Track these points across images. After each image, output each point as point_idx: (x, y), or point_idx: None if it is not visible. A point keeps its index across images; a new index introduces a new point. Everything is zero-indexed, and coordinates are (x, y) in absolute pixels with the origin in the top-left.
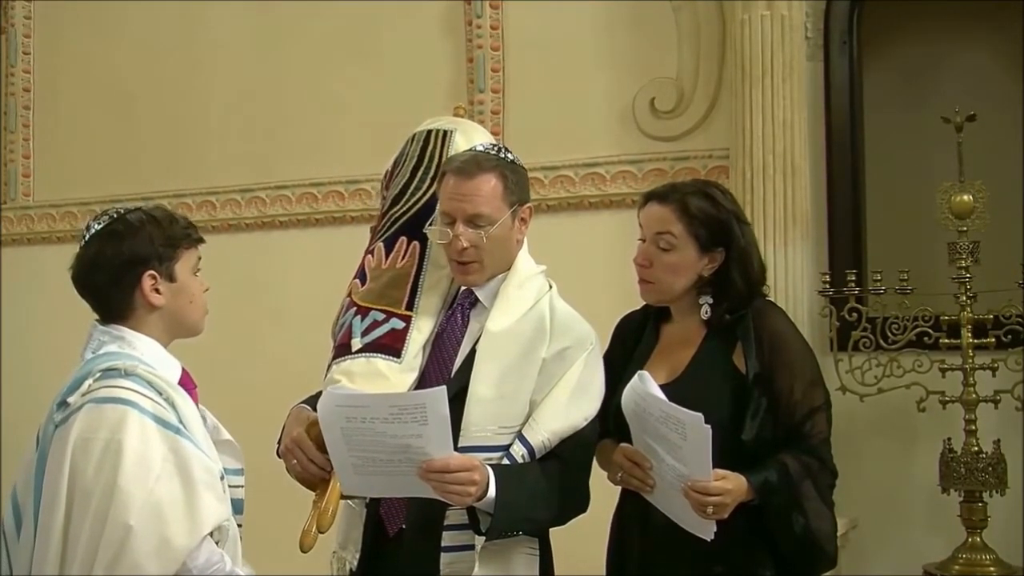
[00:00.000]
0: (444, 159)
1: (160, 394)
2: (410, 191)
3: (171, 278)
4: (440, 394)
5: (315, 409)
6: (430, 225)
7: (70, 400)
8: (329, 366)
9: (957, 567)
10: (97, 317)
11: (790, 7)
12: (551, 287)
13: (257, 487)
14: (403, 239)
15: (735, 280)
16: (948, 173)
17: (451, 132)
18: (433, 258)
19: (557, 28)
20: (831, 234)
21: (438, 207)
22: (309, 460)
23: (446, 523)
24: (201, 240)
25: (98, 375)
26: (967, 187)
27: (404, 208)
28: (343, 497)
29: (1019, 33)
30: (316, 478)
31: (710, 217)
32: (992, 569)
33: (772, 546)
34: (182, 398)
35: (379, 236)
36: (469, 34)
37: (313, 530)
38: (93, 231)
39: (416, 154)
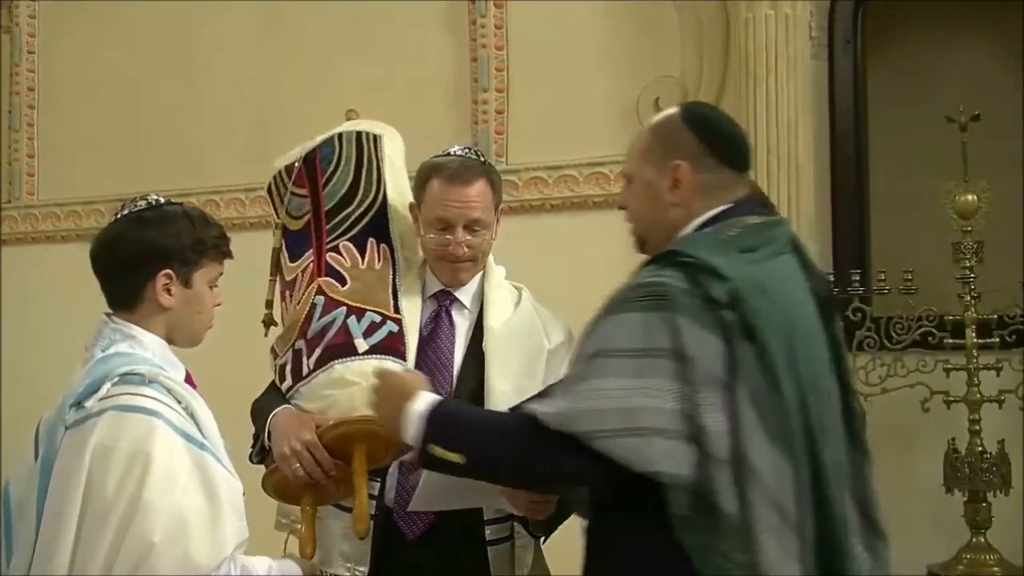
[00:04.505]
0: (380, 162)
1: (179, 402)
2: (361, 192)
3: (187, 283)
4: None
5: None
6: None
7: (87, 404)
8: (311, 363)
9: (961, 567)
10: (106, 311)
11: (794, 6)
12: (520, 287)
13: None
14: (372, 241)
15: None
16: (952, 173)
17: (380, 137)
18: (401, 262)
19: (561, 27)
20: (835, 234)
21: (424, 212)
22: (316, 464)
23: (487, 517)
24: (229, 255)
25: (116, 379)
26: (971, 187)
27: (362, 209)
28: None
29: (1021, 32)
30: (304, 486)
31: None
32: (996, 569)
33: None
34: (199, 404)
35: (340, 235)
36: (473, 33)
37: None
38: (126, 211)
39: (354, 155)
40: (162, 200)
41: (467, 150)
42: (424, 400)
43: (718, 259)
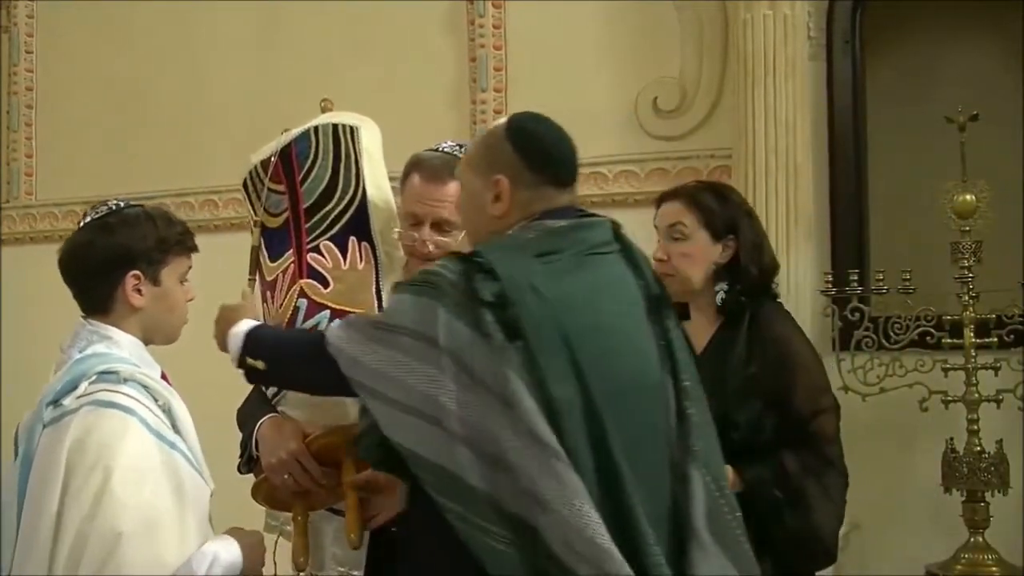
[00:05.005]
0: (359, 155)
1: (156, 400)
2: (340, 188)
3: (155, 282)
4: None
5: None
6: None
7: (65, 402)
8: None
9: (959, 567)
10: (82, 315)
11: (793, 7)
12: None
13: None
14: (353, 239)
15: (749, 270)
16: (951, 172)
17: (357, 128)
18: (383, 260)
19: (560, 27)
20: (834, 233)
21: (402, 206)
22: (305, 472)
23: None
24: (195, 249)
25: (94, 377)
26: (970, 187)
27: (342, 206)
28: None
29: (1021, 32)
30: (294, 494)
31: (718, 207)
32: (994, 569)
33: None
34: (177, 402)
35: (320, 235)
36: (471, 33)
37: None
38: (88, 219)
39: (331, 149)
40: (123, 204)
41: (458, 148)
42: (245, 324)
43: (502, 261)
